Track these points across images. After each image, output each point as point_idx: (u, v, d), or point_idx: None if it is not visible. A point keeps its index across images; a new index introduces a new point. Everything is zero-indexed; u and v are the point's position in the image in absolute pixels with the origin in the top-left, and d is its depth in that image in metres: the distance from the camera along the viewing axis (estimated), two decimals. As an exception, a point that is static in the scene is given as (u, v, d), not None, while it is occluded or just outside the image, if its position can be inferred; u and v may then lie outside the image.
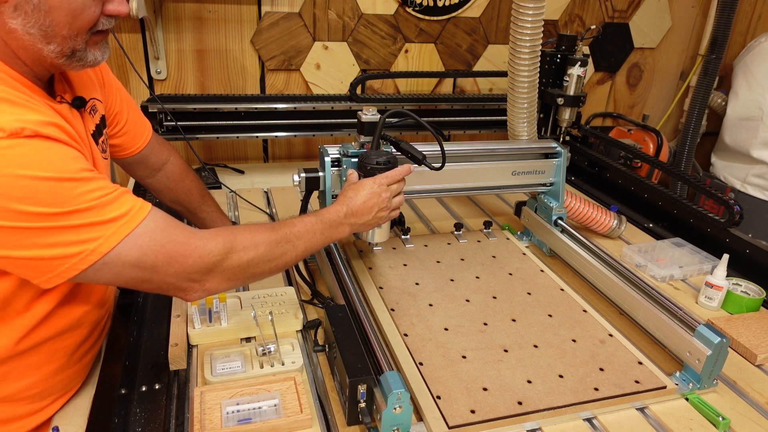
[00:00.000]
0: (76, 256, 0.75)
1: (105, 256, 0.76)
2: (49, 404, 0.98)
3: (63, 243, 0.74)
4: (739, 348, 1.12)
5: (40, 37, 0.78)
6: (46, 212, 0.72)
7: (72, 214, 0.74)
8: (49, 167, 0.73)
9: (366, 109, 1.13)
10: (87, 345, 1.03)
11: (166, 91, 1.91)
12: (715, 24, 2.24)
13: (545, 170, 1.40)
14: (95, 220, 0.75)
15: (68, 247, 0.74)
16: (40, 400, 0.96)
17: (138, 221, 0.79)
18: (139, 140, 1.19)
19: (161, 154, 1.26)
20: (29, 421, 0.96)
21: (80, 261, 0.75)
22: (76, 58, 0.82)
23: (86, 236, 0.75)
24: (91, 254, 0.75)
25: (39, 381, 0.94)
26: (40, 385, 0.95)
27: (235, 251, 0.86)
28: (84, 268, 0.76)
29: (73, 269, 0.76)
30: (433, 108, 2.03)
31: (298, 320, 1.09)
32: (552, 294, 1.22)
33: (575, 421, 0.93)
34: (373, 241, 1.17)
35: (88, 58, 0.84)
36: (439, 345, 1.04)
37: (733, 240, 1.45)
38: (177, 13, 1.81)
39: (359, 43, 2.02)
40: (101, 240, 0.76)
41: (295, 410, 0.86)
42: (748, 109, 2.22)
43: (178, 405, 0.92)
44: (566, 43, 1.65)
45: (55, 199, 0.73)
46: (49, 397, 0.98)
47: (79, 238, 0.75)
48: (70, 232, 0.74)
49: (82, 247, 0.75)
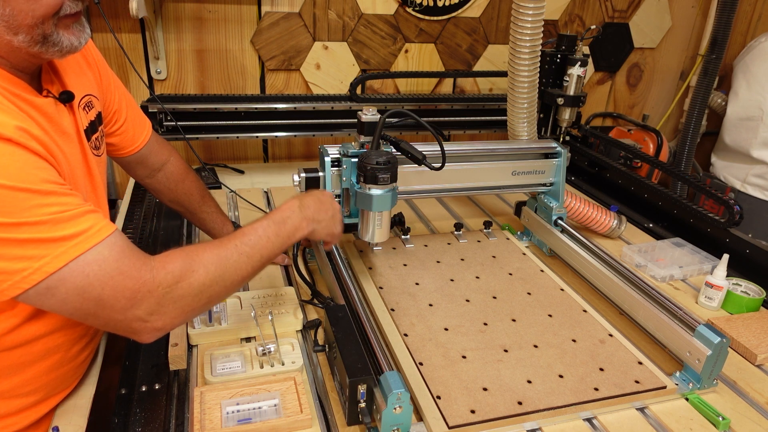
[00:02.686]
0: (19, 273, 0.70)
1: (49, 277, 0.71)
2: (44, 401, 0.97)
3: (6, 257, 0.70)
4: (739, 348, 1.12)
5: (5, 29, 0.75)
6: None
7: (20, 227, 0.69)
8: (4, 174, 0.69)
9: (366, 109, 1.13)
10: (82, 343, 1.01)
11: (166, 91, 1.91)
12: (715, 24, 2.24)
13: (545, 170, 1.40)
14: (45, 236, 0.71)
15: (11, 262, 0.70)
16: (35, 397, 0.95)
17: (91, 244, 0.74)
18: (138, 139, 1.18)
19: (161, 154, 1.25)
20: (25, 416, 0.95)
21: (22, 279, 0.70)
22: (50, 43, 0.79)
23: (32, 253, 0.70)
24: (34, 273, 0.70)
25: (33, 378, 0.93)
26: (34, 382, 0.93)
27: (185, 278, 0.80)
28: (26, 288, 0.71)
29: (16, 287, 0.71)
30: (433, 108, 2.03)
31: (298, 320, 1.09)
32: (552, 294, 1.22)
33: (575, 421, 0.93)
34: (373, 241, 1.16)
35: (63, 43, 0.80)
36: (439, 345, 1.04)
37: (733, 240, 1.45)
38: (177, 13, 1.81)
39: (359, 43, 2.02)
40: (47, 259, 0.71)
41: (295, 410, 0.86)
42: (748, 109, 2.22)
43: (178, 405, 0.92)
44: (566, 43, 1.65)
45: (4, 209, 0.69)
46: (44, 393, 0.96)
47: (24, 254, 0.70)
48: (16, 246, 0.70)
49: (26, 264, 0.70)
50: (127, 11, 1.57)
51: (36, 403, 0.96)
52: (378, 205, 1.11)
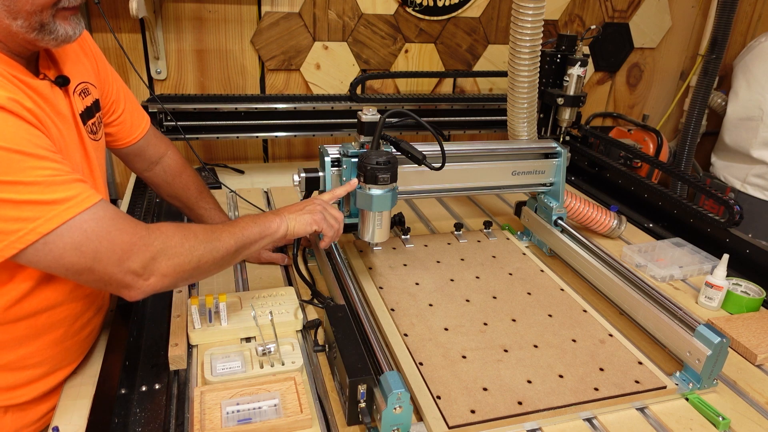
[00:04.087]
0: (15, 233, 0.74)
1: (45, 237, 0.75)
2: (51, 373, 1.00)
3: (3, 217, 0.73)
4: (739, 348, 1.12)
5: (5, 13, 0.79)
6: None
7: (15, 186, 0.73)
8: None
9: (366, 109, 1.13)
10: (85, 318, 1.04)
11: (166, 91, 1.92)
12: (715, 24, 2.24)
13: (545, 170, 1.40)
14: (39, 198, 0.74)
15: (7, 223, 0.74)
16: (41, 369, 0.98)
17: (83, 208, 0.78)
18: (135, 131, 1.21)
19: (159, 148, 1.28)
20: (33, 388, 0.99)
21: (18, 240, 0.74)
22: (46, 31, 0.82)
23: (27, 214, 0.74)
24: (29, 233, 0.74)
25: (39, 350, 0.97)
26: (40, 354, 0.97)
27: (172, 246, 0.85)
28: (21, 248, 0.75)
29: (11, 248, 0.74)
30: (433, 108, 2.03)
31: (298, 320, 1.09)
32: (552, 294, 1.22)
33: (575, 421, 0.93)
34: (373, 241, 1.17)
35: (59, 32, 0.84)
36: (439, 345, 1.04)
37: (733, 240, 1.45)
38: (177, 13, 1.81)
39: (359, 43, 2.02)
40: (41, 221, 0.75)
41: (295, 410, 0.86)
42: (748, 109, 2.22)
43: (178, 405, 0.92)
44: (566, 43, 1.64)
45: None
46: (51, 366, 1.00)
47: (20, 215, 0.74)
48: (11, 207, 0.73)
49: (21, 225, 0.74)
50: (127, 11, 1.57)
51: (43, 376, 0.99)
52: (378, 205, 1.11)
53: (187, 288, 1.16)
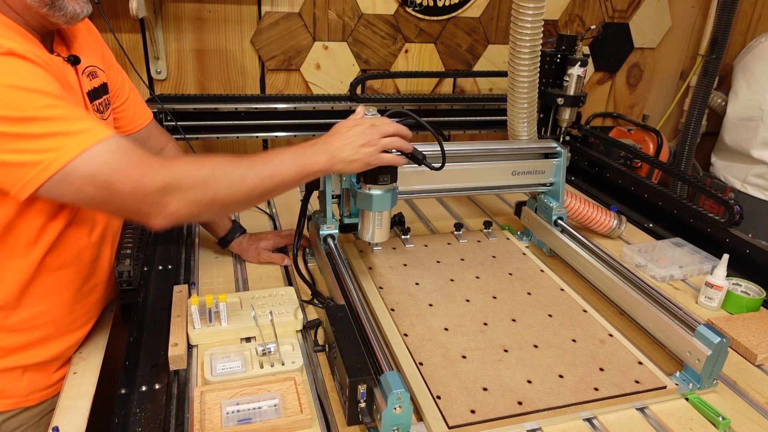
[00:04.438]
0: (39, 164, 0.79)
1: (64, 167, 0.80)
2: (61, 335, 1.08)
3: (26, 150, 0.79)
4: (739, 348, 1.12)
5: None
6: (9, 116, 0.78)
7: (35, 121, 0.79)
8: (18, 79, 0.80)
9: (366, 109, 1.13)
10: (92, 283, 1.12)
11: (166, 91, 1.91)
12: (715, 24, 2.24)
13: (545, 170, 1.40)
14: (58, 130, 0.80)
15: (31, 155, 0.79)
16: (51, 329, 1.06)
17: (99, 138, 0.82)
18: (137, 120, 1.26)
19: (160, 139, 1.32)
20: (44, 350, 1.07)
21: (43, 170, 0.79)
22: (56, 8, 0.91)
23: (48, 145, 0.80)
24: (52, 164, 0.79)
25: (48, 310, 1.05)
26: (49, 314, 1.05)
27: (190, 175, 0.86)
28: (47, 177, 0.80)
29: (37, 178, 0.80)
30: (433, 108, 2.03)
31: (298, 320, 1.09)
32: (552, 294, 1.22)
33: (575, 421, 0.93)
34: (373, 241, 1.17)
35: (68, 9, 0.93)
36: (439, 345, 1.04)
37: (733, 240, 1.45)
38: (177, 13, 1.81)
39: (359, 43, 2.02)
40: (61, 151, 0.80)
41: (295, 410, 0.86)
42: (748, 109, 2.22)
43: (178, 405, 0.92)
44: (566, 43, 1.64)
45: (19, 105, 0.79)
46: (60, 327, 1.07)
47: (41, 146, 0.79)
48: (33, 140, 0.79)
49: (44, 156, 0.79)
50: (127, 11, 1.57)
51: (55, 336, 1.08)
52: (378, 205, 1.11)
53: (187, 288, 1.16)
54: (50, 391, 1.10)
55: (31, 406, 1.09)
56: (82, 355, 1.14)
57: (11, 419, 1.07)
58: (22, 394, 1.07)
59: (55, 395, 1.09)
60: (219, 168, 0.89)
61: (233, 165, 0.91)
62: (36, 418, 1.10)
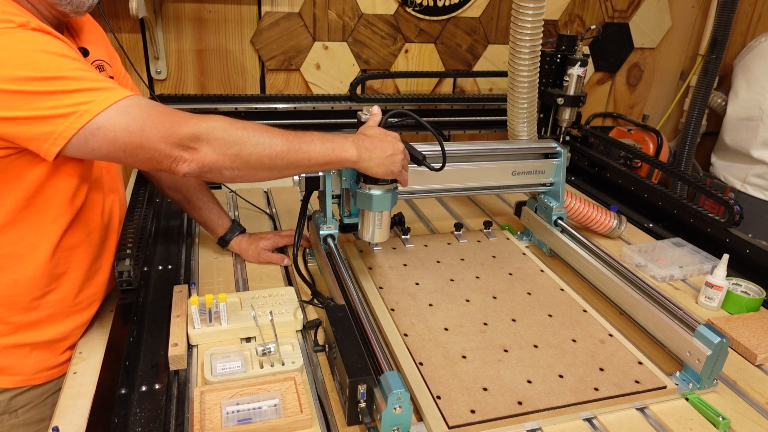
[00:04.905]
0: (72, 115, 0.84)
1: (97, 117, 0.84)
2: (68, 316, 1.11)
3: (59, 105, 0.84)
4: (739, 348, 1.12)
5: None
6: (42, 76, 0.83)
7: (66, 80, 0.84)
8: (48, 45, 0.86)
9: (366, 109, 1.13)
10: (98, 264, 1.15)
11: (166, 91, 1.91)
12: (715, 24, 2.24)
13: (545, 170, 1.40)
14: (87, 86, 0.85)
15: (64, 108, 0.84)
16: (59, 309, 1.09)
17: (127, 94, 0.88)
18: None
19: None
20: (52, 329, 1.10)
21: (76, 119, 0.84)
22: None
23: (80, 99, 0.84)
24: (84, 114, 0.84)
25: (59, 288, 1.08)
26: (59, 292, 1.08)
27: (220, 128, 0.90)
28: (80, 126, 0.84)
29: (71, 128, 0.84)
30: (433, 108, 2.03)
31: (298, 320, 1.09)
32: (552, 294, 1.22)
33: (575, 421, 0.93)
34: (373, 241, 1.16)
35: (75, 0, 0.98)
36: (439, 345, 1.04)
37: (733, 240, 1.45)
38: (177, 13, 1.81)
39: (359, 43, 2.02)
40: (93, 103, 0.85)
41: (295, 410, 0.86)
42: (748, 109, 2.22)
43: (178, 405, 0.92)
44: (566, 43, 1.65)
45: (50, 66, 0.84)
46: (66, 308, 1.10)
47: (74, 101, 0.84)
48: (65, 96, 0.84)
49: (76, 108, 0.84)
50: (127, 11, 1.57)
51: (62, 316, 1.10)
52: (378, 205, 1.11)
53: (187, 288, 1.16)
54: (56, 371, 1.13)
55: (38, 385, 1.11)
56: (82, 355, 1.14)
57: (19, 396, 1.10)
58: (30, 372, 1.09)
59: (60, 376, 1.12)
60: (251, 127, 0.94)
61: (265, 129, 0.95)
62: (42, 397, 1.13)
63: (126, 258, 1.17)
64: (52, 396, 1.14)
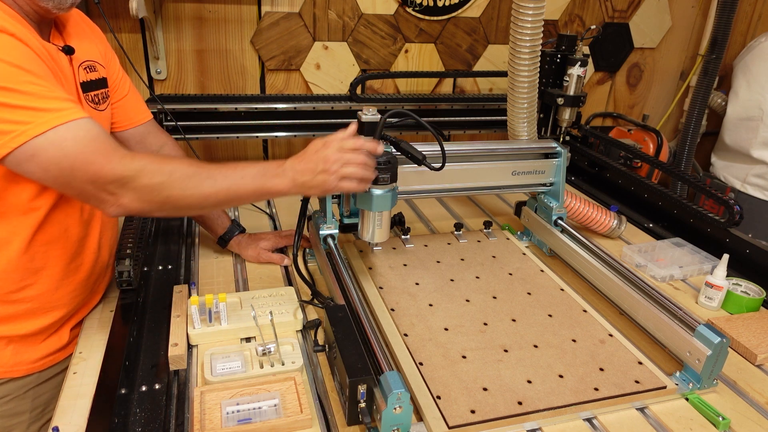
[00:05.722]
0: (9, 134, 0.83)
1: (30, 141, 0.84)
2: (47, 311, 1.11)
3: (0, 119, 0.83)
4: (739, 348, 1.12)
5: None
6: None
7: (12, 93, 0.83)
8: (6, 55, 0.84)
9: (366, 109, 1.13)
10: (78, 261, 1.14)
11: (166, 91, 1.91)
12: (715, 24, 2.24)
13: (545, 170, 1.40)
14: (31, 105, 0.84)
15: (3, 124, 0.83)
16: (37, 303, 1.09)
17: (70, 118, 0.86)
18: (136, 118, 1.28)
19: (159, 137, 1.33)
20: (29, 324, 1.09)
21: (11, 139, 0.83)
22: None
23: (20, 118, 0.83)
24: (20, 135, 0.83)
25: (36, 283, 1.07)
26: (36, 288, 1.07)
27: (147, 172, 0.90)
28: (13, 148, 0.84)
29: (5, 147, 0.84)
30: (433, 108, 2.03)
31: (298, 320, 1.09)
32: (552, 294, 1.22)
33: (575, 421, 0.93)
34: (373, 241, 1.16)
35: None
36: (439, 345, 1.04)
37: (733, 240, 1.45)
38: (177, 13, 1.81)
39: (359, 43, 2.02)
40: (30, 126, 0.84)
41: (295, 410, 0.86)
42: (748, 109, 2.22)
43: (178, 405, 0.92)
44: (566, 43, 1.64)
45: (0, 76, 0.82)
46: (45, 303, 1.10)
47: (14, 117, 0.83)
48: (7, 110, 0.83)
49: (14, 127, 0.83)
50: (127, 11, 1.57)
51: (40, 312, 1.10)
52: (378, 205, 1.11)
53: (187, 288, 1.16)
54: (37, 365, 1.13)
55: (17, 378, 1.11)
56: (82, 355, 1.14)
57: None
58: (7, 364, 1.09)
59: (42, 370, 1.14)
60: (179, 170, 0.93)
61: (195, 170, 0.94)
62: (22, 390, 1.13)
63: (126, 258, 1.17)
64: (32, 390, 1.14)
